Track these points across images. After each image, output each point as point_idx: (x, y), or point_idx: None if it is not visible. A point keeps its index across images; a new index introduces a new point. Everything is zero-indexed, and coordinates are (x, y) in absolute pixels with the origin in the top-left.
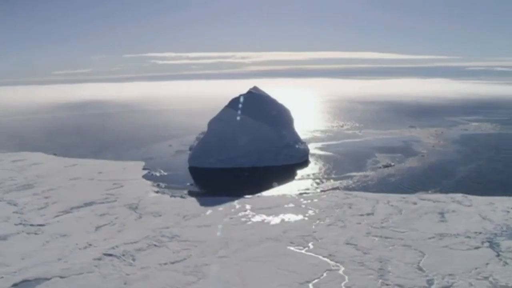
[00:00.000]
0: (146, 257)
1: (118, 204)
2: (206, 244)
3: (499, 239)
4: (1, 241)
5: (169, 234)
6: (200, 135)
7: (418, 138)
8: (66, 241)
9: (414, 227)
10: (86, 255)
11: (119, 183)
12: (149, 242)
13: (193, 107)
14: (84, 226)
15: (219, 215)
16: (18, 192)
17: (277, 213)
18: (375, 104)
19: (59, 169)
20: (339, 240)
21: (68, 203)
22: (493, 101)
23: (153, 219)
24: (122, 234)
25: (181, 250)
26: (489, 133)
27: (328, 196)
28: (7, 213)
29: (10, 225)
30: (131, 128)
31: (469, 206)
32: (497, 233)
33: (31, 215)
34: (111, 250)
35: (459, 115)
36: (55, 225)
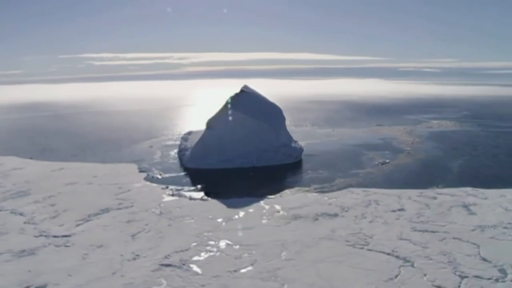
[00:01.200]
0: (209, 265)
1: (138, 209)
2: (263, 248)
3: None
4: (30, 256)
5: (216, 239)
6: (187, 135)
7: (393, 136)
8: (108, 253)
9: (450, 220)
10: (141, 267)
11: (124, 187)
12: (201, 249)
13: (145, 108)
14: (116, 235)
15: (254, 216)
16: (15, 200)
17: (310, 212)
18: (329, 104)
19: (47, 173)
20: (391, 236)
21: (82, 210)
22: (436, 100)
23: (188, 224)
24: (165, 242)
25: (241, 255)
26: (454, 131)
27: (348, 193)
28: (18, 224)
29: (30, 238)
30: (97, 129)
31: (485, 199)
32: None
33: (47, 225)
34: (165, 260)
35: (414, 114)
36: (82, 235)
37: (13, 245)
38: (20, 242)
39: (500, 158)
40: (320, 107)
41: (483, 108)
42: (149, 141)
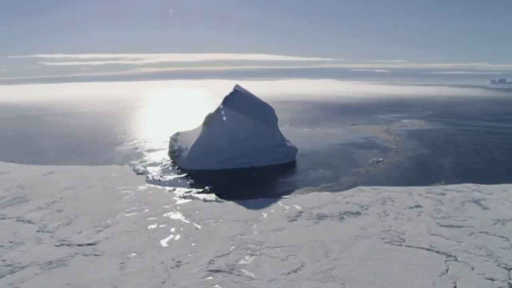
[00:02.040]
0: (259, 268)
1: (154, 213)
2: (305, 248)
3: None
4: (61, 267)
5: (253, 242)
6: (176, 136)
7: (373, 135)
8: (145, 261)
9: (469, 215)
10: (189, 274)
11: (128, 190)
12: (243, 252)
13: (109, 109)
14: (145, 240)
15: (279, 217)
16: (15, 206)
17: (333, 211)
18: (295, 104)
19: (38, 178)
20: (421, 232)
21: (94, 216)
22: (396, 100)
23: (215, 227)
24: (202, 247)
25: (286, 257)
26: (428, 129)
27: (359, 191)
28: (31, 233)
29: (51, 247)
30: (71, 131)
31: (490, 194)
32: None
33: (64, 232)
34: (210, 265)
35: (382, 113)
36: (108, 242)
37: (36, 256)
38: (42, 253)
39: (484, 155)
40: (288, 107)
41: (443, 107)
42: (131, 142)
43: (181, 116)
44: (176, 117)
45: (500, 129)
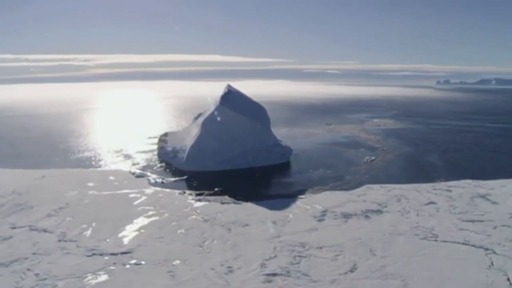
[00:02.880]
0: (315, 269)
1: (176, 217)
2: (348, 247)
3: None
4: (105, 279)
5: (293, 243)
6: (164, 137)
7: (352, 134)
8: (194, 268)
9: (484, 210)
10: (247, 280)
11: (136, 194)
12: (288, 254)
13: (63, 111)
14: (182, 247)
15: (306, 217)
16: (21, 214)
17: (355, 210)
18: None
19: (31, 182)
20: (449, 227)
21: (113, 222)
22: (357, 100)
23: (247, 229)
24: (245, 250)
25: (335, 257)
26: (402, 128)
27: (370, 190)
28: (52, 242)
29: (82, 257)
30: (43, 134)
31: (492, 189)
32: None
33: (88, 241)
34: (264, 269)
35: (350, 113)
36: (143, 250)
37: (71, 269)
38: (76, 264)
39: (466, 152)
40: None
41: (404, 107)
42: (110, 144)
43: (146, 117)
44: (141, 119)
45: (468, 127)
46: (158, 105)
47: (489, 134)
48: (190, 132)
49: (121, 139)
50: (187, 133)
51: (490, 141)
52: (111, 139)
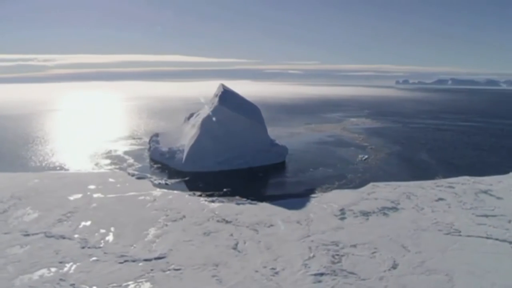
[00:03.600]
0: (359, 268)
1: (196, 220)
2: (381, 244)
3: None
4: (151, 286)
5: (326, 242)
6: (155, 137)
7: (335, 133)
8: (240, 271)
9: (492, 205)
10: (298, 280)
11: (145, 196)
12: (326, 253)
13: (32, 112)
14: (217, 250)
15: (327, 216)
16: (28, 220)
17: (372, 208)
18: None
19: (28, 186)
20: (467, 223)
21: (134, 227)
22: (324, 100)
23: (276, 230)
24: (281, 252)
25: (372, 254)
26: (381, 127)
27: (377, 188)
28: (76, 250)
29: (115, 265)
30: (13, 136)
31: (491, 185)
32: None
33: (115, 247)
34: (309, 270)
35: (324, 112)
36: (178, 255)
37: (108, 277)
38: (112, 272)
39: (451, 150)
40: None
41: (375, 106)
42: (93, 145)
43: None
44: (113, 120)
45: (443, 126)
46: (124, 105)
47: (465, 132)
48: (184, 133)
49: (101, 140)
50: (180, 134)
51: (470, 139)
52: (90, 140)
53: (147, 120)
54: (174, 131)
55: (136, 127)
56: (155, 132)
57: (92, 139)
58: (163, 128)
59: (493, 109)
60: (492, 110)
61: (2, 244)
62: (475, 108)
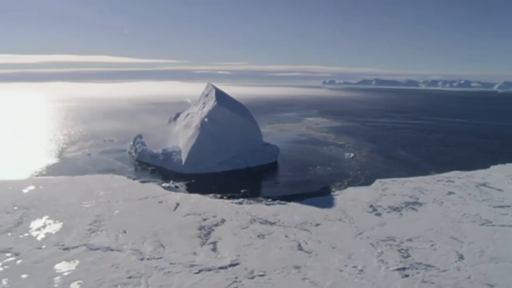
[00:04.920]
0: (432, 260)
1: (237, 223)
2: (434, 237)
3: None
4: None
5: (382, 238)
6: (139, 139)
7: (305, 133)
8: (324, 272)
9: (499, 196)
10: (388, 276)
11: (164, 200)
12: (389, 248)
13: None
14: (283, 252)
15: (361, 212)
16: (52, 231)
17: (395, 202)
18: (174, 105)
19: (26, 194)
20: (490, 213)
21: (180, 233)
22: (271, 100)
23: (324, 229)
24: (348, 249)
25: (433, 247)
26: (343, 126)
27: (385, 184)
28: (138, 263)
29: (193, 276)
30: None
31: (484, 179)
32: None
33: (178, 258)
34: (388, 265)
35: (276, 112)
36: (250, 261)
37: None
38: (194, 284)
39: (424, 147)
40: (171, 108)
41: (319, 106)
42: (72, 147)
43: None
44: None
45: (398, 124)
46: (60, 107)
47: (422, 130)
48: (172, 133)
49: (67, 143)
50: (166, 134)
51: (431, 136)
52: (49, 143)
53: (98, 123)
54: (159, 132)
55: (90, 129)
56: (138, 134)
57: (54, 142)
58: (125, 130)
59: (432, 108)
60: (431, 108)
61: (44, 261)
62: (415, 107)
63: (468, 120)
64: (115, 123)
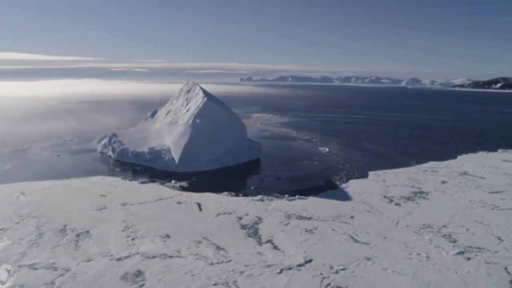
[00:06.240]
0: (490, 245)
1: (277, 220)
2: (468, 224)
3: None
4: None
5: (419, 226)
6: (115, 138)
7: (264, 128)
8: (401, 260)
9: (488, 183)
10: (456, 261)
11: (181, 202)
12: (438, 235)
13: None
14: (353, 247)
15: (382, 203)
16: (71, 241)
17: (404, 192)
18: (103, 103)
19: (23, 200)
20: (493, 199)
21: (229, 235)
22: None
23: (361, 220)
24: (404, 239)
25: (476, 230)
26: (294, 121)
27: (382, 176)
28: (209, 268)
29: (275, 275)
30: None
31: (461, 168)
32: None
33: (242, 259)
34: (450, 250)
35: None
36: (319, 258)
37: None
38: (290, 283)
39: (387, 140)
40: (100, 107)
41: (259, 102)
42: (32, 150)
43: None
44: None
45: (343, 118)
46: None
47: (371, 124)
48: (151, 131)
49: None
50: (145, 133)
51: (384, 130)
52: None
53: (43, 122)
54: (135, 131)
55: (39, 130)
56: (112, 132)
57: (4, 144)
58: (80, 130)
59: (364, 103)
60: (364, 103)
61: (106, 275)
62: (348, 103)
63: (404, 114)
64: (63, 122)
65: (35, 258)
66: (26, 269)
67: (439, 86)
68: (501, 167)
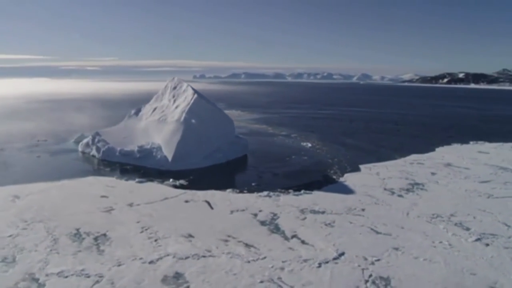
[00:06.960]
0: (496, 230)
1: (289, 216)
2: (477, 213)
3: None
4: None
5: (430, 215)
6: (99, 137)
7: (238, 125)
8: (428, 249)
9: (474, 174)
10: (477, 248)
11: (190, 201)
12: (453, 224)
13: None
14: (368, 239)
15: (385, 195)
16: (97, 248)
17: (406, 184)
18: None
19: (20, 204)
20: (489, 188)
21: (255, 233)
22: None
23: (378, 213)
24: (421, 228)
25: (500, 221)
26: (264, 117)
27: (374, 169)
28: (248, 267)
29: (324, 270)
30: None
31: (443, 159)
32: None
33: (274, 253)
34: (468, 237)
35: None
36: (350, 250)
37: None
38: (351, 276)
39: (358, 135)
40: (59, 107)
41: (222, 99)
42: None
43: None
44: None
45: (313, 114)
46: None
47: (341, 120)
48: (136, 129)
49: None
50: (129, 131)
51: (355, 125)
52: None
53: (8, 122)
54: (118, 129)
55: (8, 130)
56: (95, 131)
57: None
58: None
59: (325, 99)
60: (325, 99)
61: (145, 279)
62: (310, 98)
63: (369, 109)
64: (32, 122)
65: (60, 265)
66: (55, 277)
67: (389, 81)
68: (480, 158)
